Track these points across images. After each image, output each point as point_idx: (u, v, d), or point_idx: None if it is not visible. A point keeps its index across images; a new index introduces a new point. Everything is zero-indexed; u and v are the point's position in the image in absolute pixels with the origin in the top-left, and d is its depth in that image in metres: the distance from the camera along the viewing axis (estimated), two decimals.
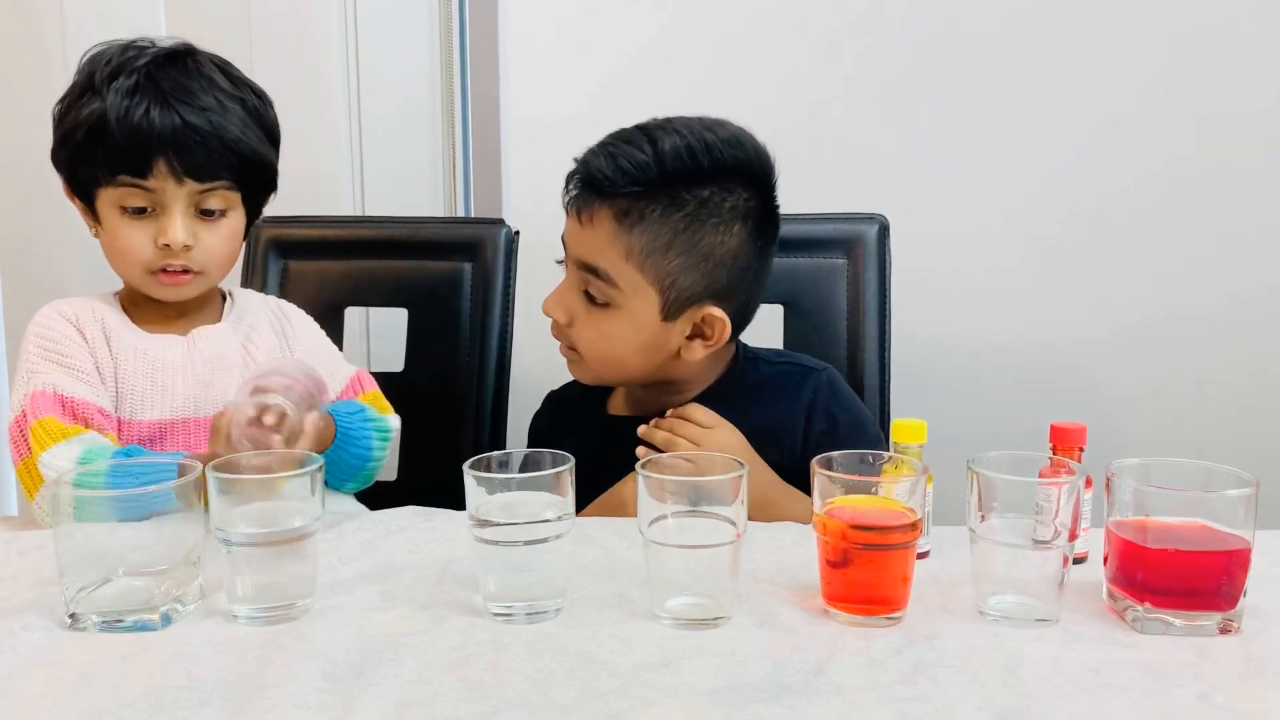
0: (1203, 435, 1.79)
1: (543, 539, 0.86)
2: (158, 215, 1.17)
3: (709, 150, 1.16)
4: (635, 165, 1.15)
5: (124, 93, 1.13)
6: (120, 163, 1.14)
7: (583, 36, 1.81)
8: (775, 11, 1.78)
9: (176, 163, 1.14)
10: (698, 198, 1.16)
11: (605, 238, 1.17)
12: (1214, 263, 1.78)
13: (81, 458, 1.09)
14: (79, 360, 1.17)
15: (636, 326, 1.19)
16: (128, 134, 1.13)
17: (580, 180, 1.19)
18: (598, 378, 1.26)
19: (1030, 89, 1.76)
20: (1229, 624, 0.84)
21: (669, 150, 1.15)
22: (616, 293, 1.18)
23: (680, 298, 1.18)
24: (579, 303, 1.20)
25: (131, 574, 0.86)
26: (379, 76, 1.85)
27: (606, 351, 1.21)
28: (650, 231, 1.16)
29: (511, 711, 0.73)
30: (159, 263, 1.18)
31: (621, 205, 1.16)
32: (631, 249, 1.16)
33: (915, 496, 0.87)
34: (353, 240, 1.61)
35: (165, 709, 0.73)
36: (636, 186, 1.15)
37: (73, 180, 1.19)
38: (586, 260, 1.18)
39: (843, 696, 0.75)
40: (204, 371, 1.20)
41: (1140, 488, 0.86)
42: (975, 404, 1.80)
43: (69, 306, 1.21)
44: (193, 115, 1.15)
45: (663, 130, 1.17)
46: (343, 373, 1.32)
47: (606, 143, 1.19)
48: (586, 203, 1.18)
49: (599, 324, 1.20)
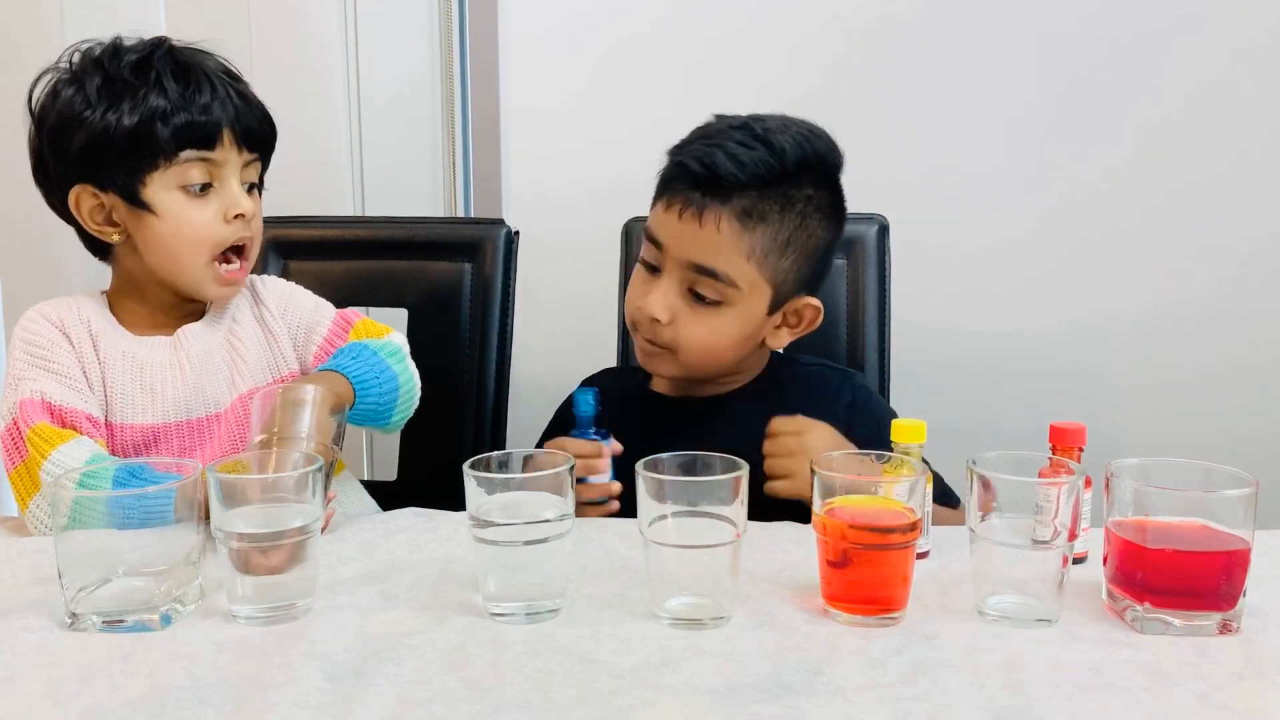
0: (1202, 435, 1.79)
1: (543, 539, 0.86)
2: (218, 190, 1.17)
3: (813, 147, 1.18)
4: (758, 163, 1.15)
5: (174, 78, 1.14)
6: (188, 139, 1.14)
7: (583, 36, 1.81)
8: (774, 10, 1.78)
9: (239, 129, 1.17)
10: (804, 195, 1.18)
11: (728, 239, 1.16)
12: (1214, 263, 1.78)
13: (91, 458, 1.08)
14: (65, 366, 1.15)
15: (744, 321, 1.20)
16: (199, 110, 1.14)
17: (693, 180, 1.17)
18: (686, 371, 1.24)
19: (1029, 88, 1.76)
20: (1228, 624, 0.84)
21: (788, 148, 1.16)
22: (734, 292, 1.17)
23: (787, 292, 1.21)
24: (681, 300, 1.19)
25: (131, 574, 0.86)
26: (379, 76, 1.85)
27: (712, 346, 1.20)
28: (770, 231, 1.16)
29: (511, 711, 0.73)
30: (230, 239, 1.18)
31: (744, 205, 1.16)
32: (753, 249, 1.16)
33: (915, 496, 0.87)
34: (353, 240, 1.61)
35: (165, 709, 0.73)
36: (758, 186, 1.15)
37: (110, 179, 1.14)
38: (702, 262, 1.17)
39: (843, 696, 0.75)
40: (192, 373, 1.19)
41: (1140, 488, 0.86)
42: (975, 404, 1.80)
43: (54, 310, 1.19)
44: (240, 87, 1.19)
45: (763, 127, 1.18)
46: (325, 317, 1.29)
47: (712, 141, 1.18)
48: (705, 203, 1.16)
49: (706, 321, 1.19)
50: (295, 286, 1.33)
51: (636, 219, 1.55)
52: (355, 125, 1.85)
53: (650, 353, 1.24)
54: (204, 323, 1.23)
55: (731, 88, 1.74)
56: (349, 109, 1.84)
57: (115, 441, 1.16)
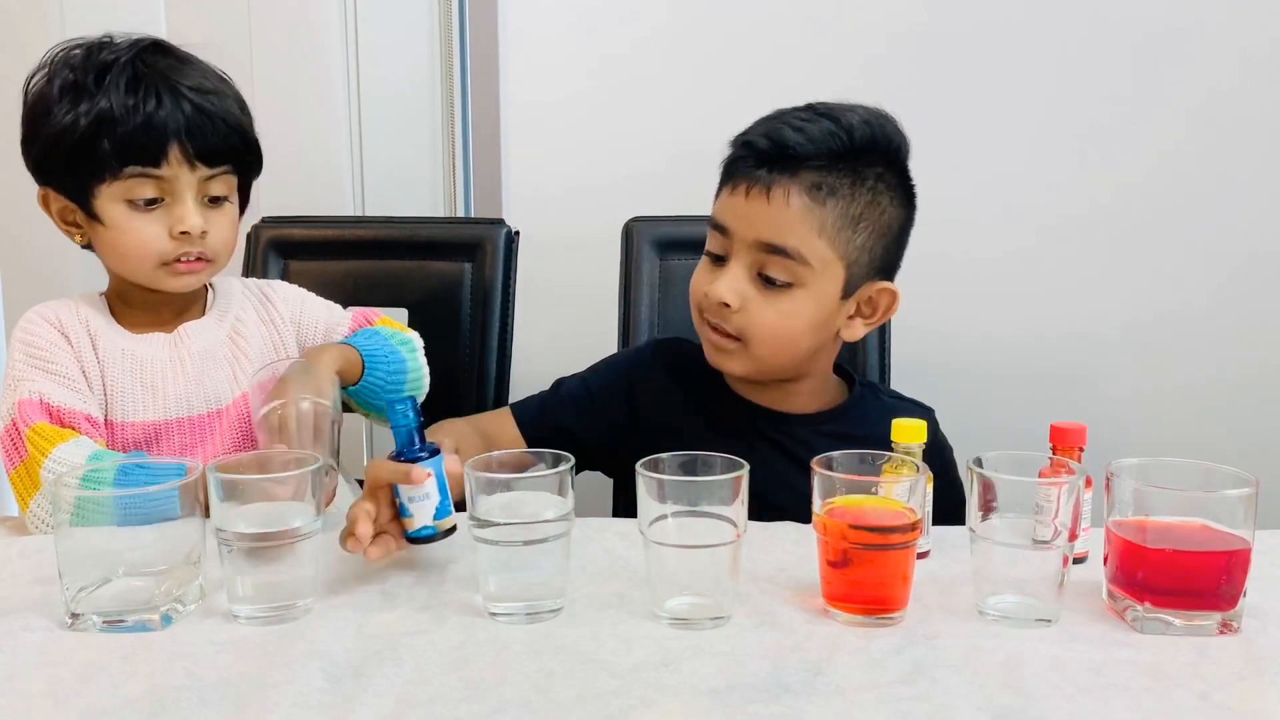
0: (1203, 435, 1.79)
1: (543, 539, 0.86)
2: (169, 205, 1.15)
3: (881, 127, 1.16)
4: (826, 134, 1.13)
5: (125, 87, 1.11)
6: (131, 154, 1.12)
7: (583, 35, 1.81)
8: (775, 11, 1.78)
9: (190, 147, 1.13)
10: (875, 173, 1.15)
11: (797, 213, 1.12)
12: (1214, 263, 1.78)
13: (92, 455, 1.08)
14: (64, 366, 1.15)
15: (816, 304, 1.16)
16: (141, 124, 1.11)
17: (759, 156, 1.14)
18: (759, 364, 1.19)
19: (1031, 87, 1.76)
20: (1229, 624, 0.84)
21: (855, 124, 1.14)
22: (806, 270, 1.13)
23: (860, 274, 1.17)
24: (750, 285, 1.15)
25: (131, 574, 0.86)
26: (379, 76, 1.85)
27: (784, 332, 1.16)
28: (841, 205, 1.13)
29: (511, 711, 0.73)
30: (175, 253, 1.16)
31: (813, 178, 1.13)
32: (824, 223, 1.13)
33: (915, 496, 0.87)
34: (353, 240, 1.61)
35: (165, 709, 0.73)
36: (826, 159, 1.13)
37: (63, 185, 1.16)
38: (772, 240, 1.13)
39: (843, 696, 0.75)
40: (193, 369, 1.20)
41: (1140, 487, 0.86)
42: (975, 404, 1.79)
43: (52, 311, 1.19)
44: (199, 99, 1.14)
45: (826, 108, 1.16)
46: (345, 317, 1.32)
47: (777, 121, 1.16)
48: (772, 179, 1.13)
49: (776, 304, 1.15)
50: (307, 294, 1.34)
51: (637, 219, 1.55)
52: (355, 125, 1.85)
53: (719, 346, 1.19)
54: (206, 320, 1.24)
55: (731, 88, 1.75)
56: (349, 109, 1.84)
57: (116, 439, 1.17)
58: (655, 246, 1.54)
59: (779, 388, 1.24)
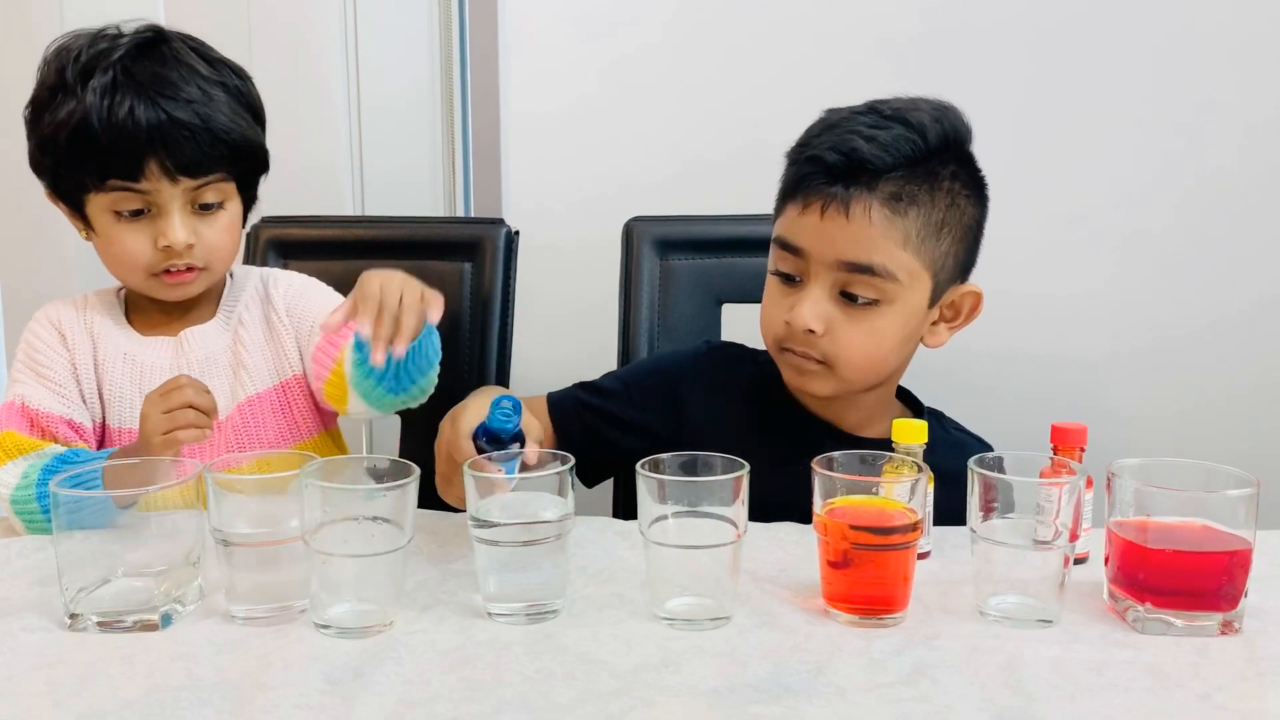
0: (1203, 435, 1.78)
1: (543, 539, 0.86)
2: (155, 216, 1.13)
3: (950, 122, 1.11)
4: (901, 141, 1.07)
5: (103, 91, 1.08)
6: (109, 167, 1.09)
7: (584, 37, 1.80)
8: (776, 13, 1.78)
9: (169, 161, 1.10)
10: (949, 172, 1.10)
11: (880, 229, 1.06)
12: (1214, 263, 1.78)
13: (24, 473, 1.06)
14: (55, 370, 1.15)
15: (905, 319, 1.10)
16: (114, 136, 1.08)
17: (831, 172, 1.07)
18: (847, 385, 1.12)
19: (1032, 90, 1.76)
20: (1230, 624, 0.84)
21: (926, 124, 1.08)
22: (894, 286, 1.07)
23: (946, 280, 1.12)
24: (834, 307, 1.09)
25: (131, 574, 0.86)
26: (379, 75, 1.85)
27: (873, 351, 1.10)
28: (923, 213, 1.07)
29: (511, 711, 0.73)
30: (161, 264, 1.14)
31: (891, 189, 1.06)
32: (908, 235, 1.07)
33: (915, 496, 0.87)
34: (353, 240, 1.61)
35: (165, 709, 0.73)
36: (904, 167, 1.07)
37: (58, 187, 1.15)
38: (856, 259, 1.07)
39: (843, 697, 0.75)
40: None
41: (1141, 488, 0.86)
42: (976, 404, 1.79)
43: (57, 310, 1.19)
44: (179, 109, 1.10)
45: (891, 109, 1.10)
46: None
47: (841, 130, 1.09)
48: (849, 195, 1.06)
49: (863, 324, 1.09)
50: (310, 282, 1.30)
51: (637, 219, 1.55)
52: (355, 125, 1.85)
53: (805, 370, 1.12)
54: (213, 324, 1.23)
55: (731, 93, 1.75)
56: (349, 109, 1.84)
57: (113, 444, 1.16)
58: (656, 246, 1.53)
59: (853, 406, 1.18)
